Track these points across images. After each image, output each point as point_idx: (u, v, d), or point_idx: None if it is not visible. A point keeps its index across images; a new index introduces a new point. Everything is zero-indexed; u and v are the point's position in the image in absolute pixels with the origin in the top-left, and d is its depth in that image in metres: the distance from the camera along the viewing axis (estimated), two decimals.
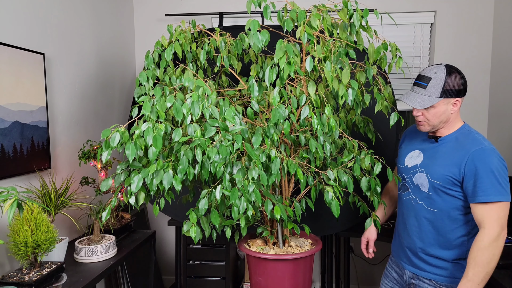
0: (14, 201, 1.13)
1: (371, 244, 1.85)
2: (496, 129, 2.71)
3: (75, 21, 2.25)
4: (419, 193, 1.60)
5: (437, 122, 1.54)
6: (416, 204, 1.61)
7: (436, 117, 1.52)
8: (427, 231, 1.58)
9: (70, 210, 2.04)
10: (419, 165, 1.61)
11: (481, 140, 1.49)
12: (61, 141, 2.13)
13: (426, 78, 1.52)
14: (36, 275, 1.54)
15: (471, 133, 1.53)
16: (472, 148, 1.46)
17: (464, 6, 2.76)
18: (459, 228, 1.53)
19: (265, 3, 1.56)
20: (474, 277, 1.39)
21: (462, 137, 1.53)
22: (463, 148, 1.49)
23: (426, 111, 1.53)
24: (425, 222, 1.58)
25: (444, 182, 1.51)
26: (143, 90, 1.71)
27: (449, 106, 1.51)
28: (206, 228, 1.59)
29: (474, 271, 1.40)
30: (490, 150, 1.45)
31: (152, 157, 1.37)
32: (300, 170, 1.51)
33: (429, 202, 1.56)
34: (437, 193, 1.53)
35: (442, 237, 1.55)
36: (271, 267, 1.65)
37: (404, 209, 1.68)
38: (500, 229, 1.40)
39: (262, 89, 1.62)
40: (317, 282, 3.15)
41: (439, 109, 1.51)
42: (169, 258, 3.25)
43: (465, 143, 1.50)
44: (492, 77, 2.76)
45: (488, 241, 1.39)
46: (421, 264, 1.60)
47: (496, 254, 1.40)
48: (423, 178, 1.57)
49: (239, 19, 2.95)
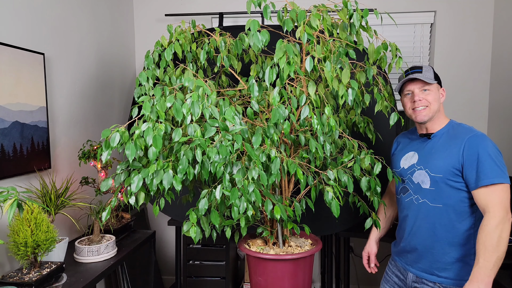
0: (14, 201, 1.13)
1: (372, 259, 1.86)
2: (496, 129, 2.71)
3: (75, 21, 2.25)
4: (420, 191, 1.60)
5: (435, 108, 1.61)
6: (419, 203, 1.61)
7: (435, 101, 1.60)
8: (433, 228, 1.57)
9: (70, 210, 2.04)
10: (415, 163, 1.63)
11: (472, 128, 1.57)
12: (61, 141, 2.13)
13: (418, 66, 1.64)
14: (36, 275, 1.54)
15: (461, 125, 1.62)
16: (466, 135, 1.53)
17: (464, 6, 2.76)
18: (466, 220, 1.53)
19: (265, 3, 1.56)
20: (485, 263, 1.39)
21: (453, 129, 1.61)
22: (456, 137, 1.55)
23: (426, 95, 1.60)
24: (431, 219, 1.57)
25: (445, 174, 1.52)
26: (143, 90, 1.71)
27: (439, 93, 1.63)
28: (206, 228, 1.59)
29: (484, 256, 1.40)
30: (482, 135, 1.52)
31: (152, 157, 1.37)
32: (300, 170, 1.51)
33: (433, 198, 1.57)
34: (440, 187, 1.54)
35: (449, 233, 1.54)
36: (271, 267, 1.65)
37: (407, 211, 1.67)
38: (504, 212, 1.42)
39: (262, 89, 1.62)
40: (317, 282, 3.15)
41: (436, 93, 1.61)
42: (169, 258, 3.25)
43: (458, 133, 1.57)
44: (492, 77, 2.76)
45: (495, 223, 1.40)
46: (427, 266, 1.59)
47: (503, 238, 1.40)
48: (423, 175, 1.58)
49: (239, 19, 2.95)
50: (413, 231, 1.63)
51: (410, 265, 1.66)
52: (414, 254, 1.63)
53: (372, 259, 1.86)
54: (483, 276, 1.39)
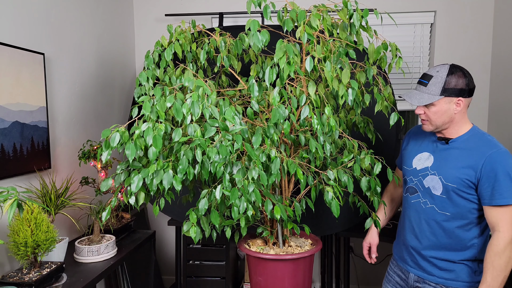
0: (14, 201, 1.13)
1: (373, 250, 1.84)
2: (496, 129, 2.71)
3: (75, 21, 2.25)
4: (430, 196, 1.57)
5: (440, 122, 1.53)
6: (427, 207, 1.58)
7: (437, 116, 1.52)
8: (438, 234, 1.56)
9: (70, 210, 2.04)
10: (429, 167, 1.59)
11: (495, 142, 1.49)
12: (61, 141, 2.13)
13: (428, 76, 1.53)
14: (36, 275, 1.54)
15: (484, 135, 1.53)
16: (488, 150, 1.46)
17: (464, 6, 2.76)
18: (472, 230, 1.52)
19: (265, 3, 1.56)
20: (493, 282, 1.40)
21: (475, 139, 1.52)
22: (477, 150, 1.48)
23: (428, 109, 1.53)
24: (436, 225, 1.56)
25: (459, 185, 1.49)
26: (143, 90, 1.71)
27: (452, 105, 1.50)
28: (206, 228, 1.59)
29: (492, 275, 1.40)
30: (505, 152, 1.45)
31: (152, 157, 1.37)
32: (300, 170, 1.51)
33: (442, 205, 1.54)
34: (451, 196, 1.51)
35: (453, 240, 1.53)
36: (271, 267, 1.65)
37: (412, 212, 1.65)
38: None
39: (262, 89, 1.62)
40: (317, 282, 3.15)
41: (441, 107, 1.50)
42: (169, 258, 3.25)
43: (479, 145, 1.49)
44: (492, 77, 2.76)
45: (504, 244, 1.40)
46: (428, 267, 1.58)
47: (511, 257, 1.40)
48: (436, 181, 1.55)
49: (239, 19, 2.95)
50: (415, 233, 1.62)
51: (411, 266, 1.65)
52: (416, 256, 1.63)
53: (374, 250, 1.83)
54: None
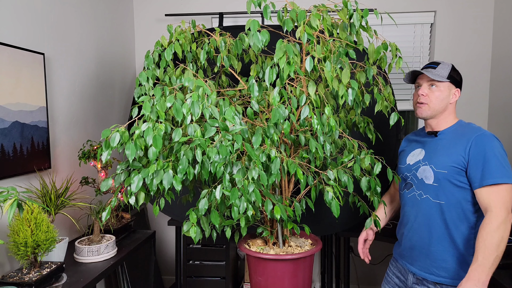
0: (14, 201, 1.13)
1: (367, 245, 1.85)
2: (496, 128, 2.71)
3: (75, 21, 2.25)
4: (423, 187, 1.61)
5: (437, 107, 1.60)
6: (422, 198, 1.61)
7: (438, 101, 1.60)
8: (434, 225, 1.57)
9: (70, 210, 2.04)
10: (421, 160, 1.64)
11: (480, 128, 1.57)
12: (61, 141, 2.13)
13: (436, 62, 1.65)
14: (36, 275, 1.54)
15: (469, 124, 1.62)
16: (473, 134, 1.53)
17: (464, 6, 2.76)
18: (467, 220, 1.53)
19: (265, 3, 1.56)
20: (484, 261, 1.39)
21: (461, 128, 1.61)
22: (463, 136, 1.55)
23: (431, 92, 1.60)
24: (432, 216, 1.58)
25: (450, 171, 1.53)
26: (143, 90, 1.71)
27: (451, 94, 1.61)
28: (206, 228, 1.59)
29: (484, 254, 1.40)
30: (490, 135, 1.52)
31: (152, 157, 1.37)
32: (300, 170, 1.51)
33: (435, 194, 1.57)
34: (443, 184, 1.55)
35: (449, 231, 1.54)
36: (271, 267, 1.65)
37: (409, 207, 1.67)
38: (506, 212, 1.42)
39: (262, 89, 1.62)
40: (317, 282, 3.15)
41: (443, 92, 1.60)
42: (169, 258, 3.25)
43: (465, 132, 1.57)
44: (492, 76, 2.76)
45: (497, 223, 1.41)
46: (426, 265, 1.59)
47: (504, 238, 1.41)
48: (428, 170, 1.59)
49: (239, 19, 2.95)
50: (413, 228, 1.64)
51: (410, 263, 1.66)
52: (414, 251, 1.64)
53: (367, 246, 1.86)
54: (481, 274, 1.39)
